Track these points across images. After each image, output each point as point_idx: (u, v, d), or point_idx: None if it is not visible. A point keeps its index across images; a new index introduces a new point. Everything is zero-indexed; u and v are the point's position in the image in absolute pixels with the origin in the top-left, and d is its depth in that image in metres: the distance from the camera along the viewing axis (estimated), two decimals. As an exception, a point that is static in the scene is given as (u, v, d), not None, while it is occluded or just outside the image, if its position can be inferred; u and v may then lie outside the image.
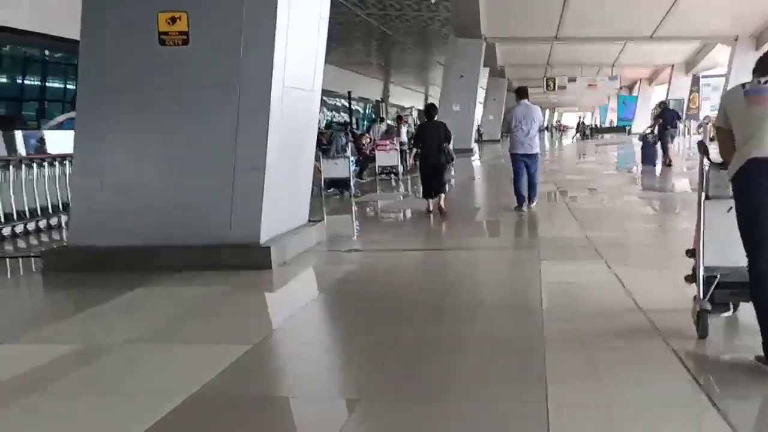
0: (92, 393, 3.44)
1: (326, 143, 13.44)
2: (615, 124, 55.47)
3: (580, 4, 24.40)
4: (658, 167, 16.75)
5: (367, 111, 59.33)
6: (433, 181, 9.59)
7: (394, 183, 15.89)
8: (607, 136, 48.78)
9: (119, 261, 6.45)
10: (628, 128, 48.97)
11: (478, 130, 32.14)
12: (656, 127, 17.12)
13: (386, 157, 16.04)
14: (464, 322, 4.43)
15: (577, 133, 49.68)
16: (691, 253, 3.87)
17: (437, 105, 29.31)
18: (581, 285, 5.24)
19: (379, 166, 16.11)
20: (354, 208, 11.75)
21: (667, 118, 16.98)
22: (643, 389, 3.14)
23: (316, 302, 5.20)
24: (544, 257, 6.24)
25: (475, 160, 24.68)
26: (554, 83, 35.16)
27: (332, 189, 12.93)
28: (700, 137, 23.79)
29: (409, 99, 60.69)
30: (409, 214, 10.76)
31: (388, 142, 16.16)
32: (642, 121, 48.94)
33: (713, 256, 3.70)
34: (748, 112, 3.23)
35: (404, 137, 17.59)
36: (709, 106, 37.26)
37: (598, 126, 59.19)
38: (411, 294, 5.23)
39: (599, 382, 3.33)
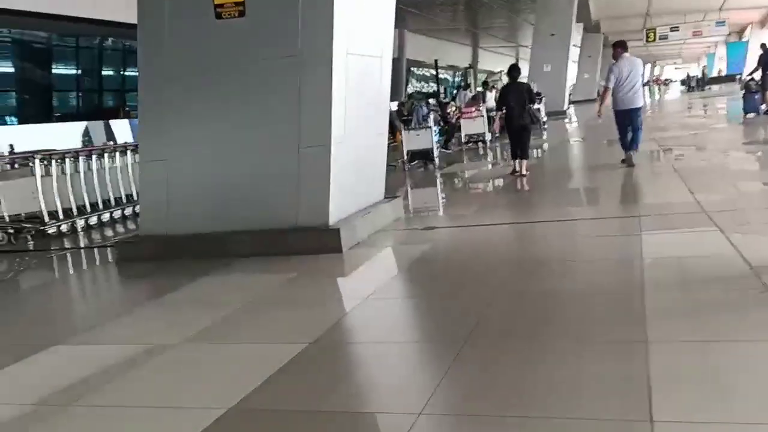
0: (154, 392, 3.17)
1: (407, 114, 12.84)
2: (724, 74, 51.07)
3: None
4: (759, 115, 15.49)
5: (457, 79, 58.09)
6: (518, 142, 9.61)
7: (481, 151, 15.16)
8: (715, 87, 45.21)
9: (188, 249, 6.23)
10: (738, 77, 45.21)
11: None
12: (759, 72, 15.74)
13: (472, 125, 15.31)
14: (553, 307, 3.82)
15: (683, 86, 46.42)
16: None
17: (527, 66, 28.50)
18: (691, 259, 4.48)
19: (465, 135, 15.40)
20: (437, 180, 11.16)
21: (765, 62, 15.50)
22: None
23: (384, 289, 4.69)
24: (647, 227, 5.46)
25: (570, 123, 23.36)
26: (654, 34, 32.64)
27: (415, 161, 12.39)
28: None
29: (498, 63, 58.65)
30: (496, 183, 10.06)
31: (473, 108, 15.37)
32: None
33: None
34: None
35: (491, 103, 16.68)
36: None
37: (705, 77, 55.14)
38: (493, 276, 4.61)
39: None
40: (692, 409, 2.44)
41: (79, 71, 19.94)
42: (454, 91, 32.62)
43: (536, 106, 18.01)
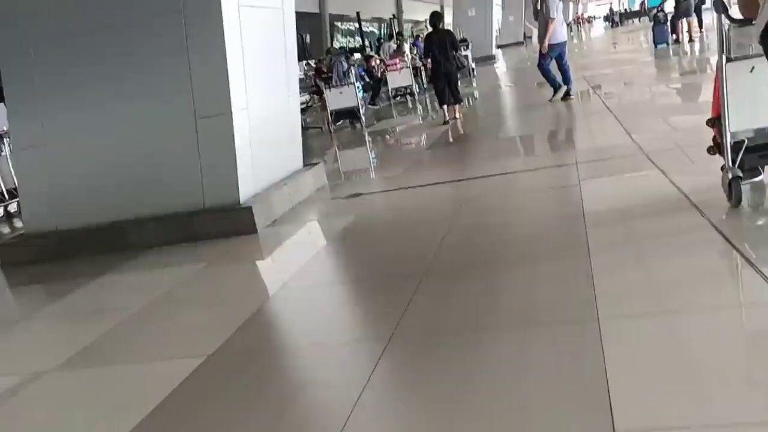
0: None
1: (326, 71, 12.02)
2: (647, 7, 51.33)
3: None
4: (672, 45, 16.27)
5: (383, 31, 56.87)
6: (445, 90, 9.57)
7: (410, 104, 14.53)
8: (637, 21, 45.53)
9: (83, 245, 5.44)
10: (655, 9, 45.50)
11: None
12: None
13: (398, 78, 14.58)
14: (494, 274, 3.28)
15: (605, 21, 46.57)
16: (712, 122, 3.61)
17: (451, 12, 27.76)
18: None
19: (392, 89, 14.71)
20: (365, 139, 10.49)
21: None
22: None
23: (303, 275, 4.05)
24: (587, 175, 4.99)
25: (498, 67, 22.89)
26: (575, -29, 32.31)
27: (341, 121, 11.67)
28: None
29: (424, 12, 57.74)
30: (426, 138, 9.46)
31: (398, 60, 14.64)
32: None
33: (739, 121, 3.43)
34: None
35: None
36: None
37: (627, 11, 55.53)
38: (426, 248, 4.02)
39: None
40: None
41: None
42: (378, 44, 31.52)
43: (464, 52, 17.53)
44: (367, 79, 15.02)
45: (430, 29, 10.42)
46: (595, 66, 15.87)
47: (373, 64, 15.64)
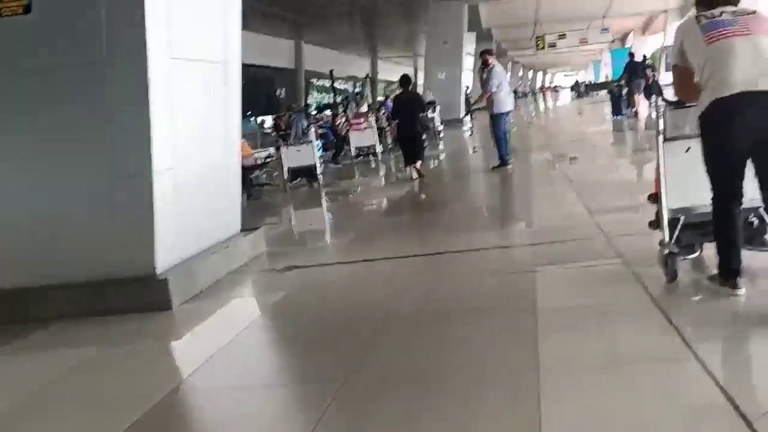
0: None
1: (285, 128, 11.58)
2: (611, 79, 52.61)
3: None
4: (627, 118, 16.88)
5: (357, 90, 57.34)
6: (409, 149, 9.85)
7: (373, 165, 14.12)
8: (602, 92, 46.46)
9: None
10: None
11: (467, 99, 29.63)
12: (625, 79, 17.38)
13: (362, 137, 14.21)
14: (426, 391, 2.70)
15: (572, 91, 47.53)
16: (654, 198, 3.69)
17: (424, 74, 27.89)
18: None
19: (354, 148, 14.31)
20: (320, 201, 9.98)
21: (631, 69, 17.14)
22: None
23: (209, 370, 3.42)
24: (542, 259, 4.50)
25: (466, 130, 22.78)
26: (544, 41, 32.89)
27: (298, 179, 11.16)
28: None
29: (398, 73, 58.52)
30: (383, 203, 9.00)
31: (362, 120, 14.30)
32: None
33: (676, 198, 3.55)
34: (707, 49, 3.01)
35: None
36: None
37: (592, 83, 56.85)
38: (349, 346, 3.44)
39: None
40: None
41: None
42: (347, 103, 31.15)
43: (430, 114, 17.43)
44: (332, 137, 14.64)
45: (399, 91, 10.80)
46: (559, 134, 15.75)
47: (338, 122, 15.27)
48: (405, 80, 10.38)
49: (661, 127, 3.50)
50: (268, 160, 11.50)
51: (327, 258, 5.80)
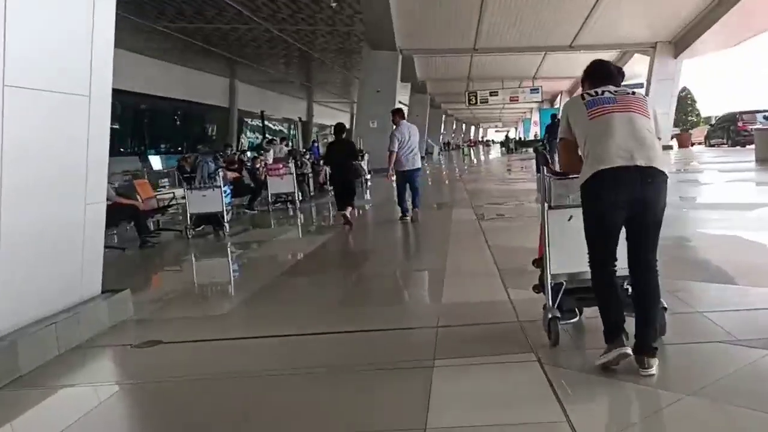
0: None
1: (190, 171, 10.59)
2: (539, 137, 53.93)
3: (496, 15, 22.64)
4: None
5: (291, 131, 56.66)
6: (342, 195, 9.91)
7: (291, 213, 13.25)
8: (531, 149, 47.36)
9: None
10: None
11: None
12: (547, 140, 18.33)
13: (280, 184, 13.37)
14: None
15: (502, 147, 48.27)
16: (538, 263, 3.79)
17: (356, 121, 27.45)
18: None
19: (272, 195, 13.42)
20: (222, 252, 9.01)
21: (553, 130, 17.76)
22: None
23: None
24: (441, 350, 3.73)
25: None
26: (476, 97, 33.16)
27: (202, 227, 10.16)
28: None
29: (334, 117, 58.35)
30: (288, 258, 8.11)
31: (281, 165, 13.47)
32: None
33: (558, 265, 3.64)
34: (589, 124, 3.19)
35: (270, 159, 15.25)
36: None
37: (522, 140, 58.09)
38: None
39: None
40: None
41: None
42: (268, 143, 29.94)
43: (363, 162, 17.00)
44: (248, 182, 13.72)
45: (333, 139, 10.85)
46: (483, 192, 15.33)
47: (257, 165, 14.39)
48: (339, 128, 10.42)
49: (546, 195, 3.64)
50: (171, 203, 10.47)
51: (202, 331, 4.84)
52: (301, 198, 14.11)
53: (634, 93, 3.35)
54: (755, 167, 15.22)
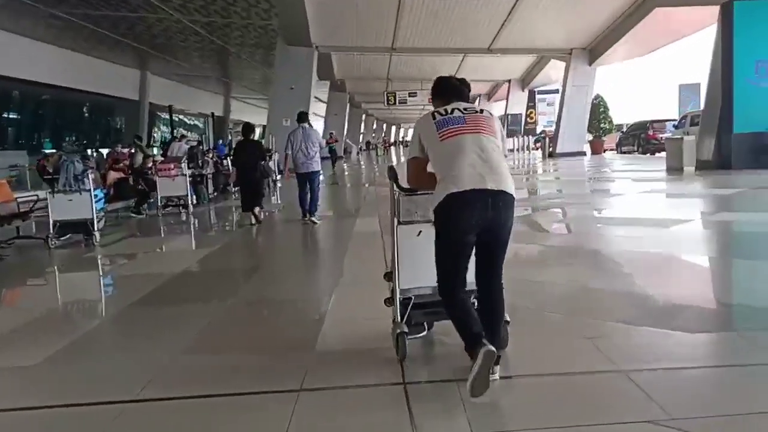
0: None
1: (52, 172, 9.13)
2: None
3: (414, 15, 21.89)
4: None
5: (208, 127, 54.48)
6: (248, 195, 10.09)
7: (184, 217, 11.93)
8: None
9: None
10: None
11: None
12: None
13: (171, 186, 12.02)
14: None
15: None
16: (389, 276, 3.73)
17: (268, 118, 26.08)
18: None
19: (162, 198, 12.05)
20: (85, 266, 7.64)
21: None
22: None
23: None
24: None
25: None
26: (395, 98, 32.30)
27: (68, 235, 8.75)
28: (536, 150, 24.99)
29: (252, 114, 56.50)
30: (170, 274, 6.80)
31: (172, 165, 12.12)
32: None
33: (408, 279, 3.63)
34: (441, 145, 3.20)
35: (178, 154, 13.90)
36: (545, 121, 36.46)
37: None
38: None
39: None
40: None
41: None
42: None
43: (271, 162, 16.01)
44: (140, 184, 12.29)
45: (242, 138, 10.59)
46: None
47: (149, 165, 12.95)
48: (247, 129, 10.46)
49: (396, 210, 3.63)
50: (35, 207, 8.99)
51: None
52: (195, 202, 12.81)
53: (482, 111, 3.35)
54: (666, 177, 15.01)
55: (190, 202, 12.14)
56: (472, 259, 3.25)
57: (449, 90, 3.47)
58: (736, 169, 14.79)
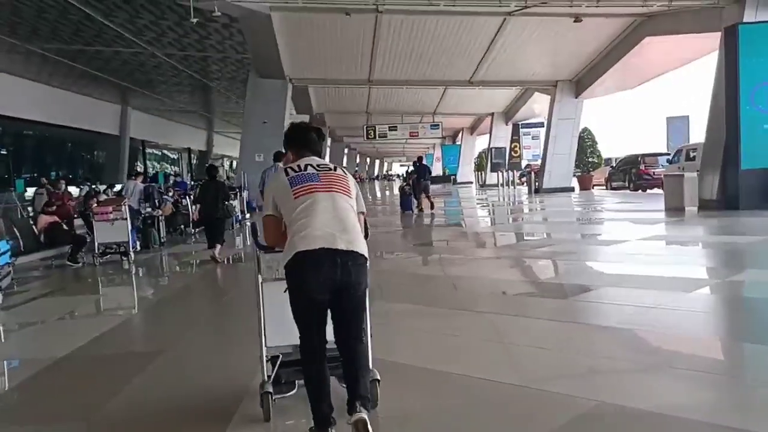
0: None
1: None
2: (447, 173, 51.70)
3: (391, 47, 20.54)
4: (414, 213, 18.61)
5: (194, 161, 53.19)
6: (211, 233, 10.28)
7: (126, 266, 10.19)
8: (434, 186, 45.35)
9: None
10: (453, 177, 46.33)
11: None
12: (411, 180, 19.37)
13: (109, 231, 10.30)
14: None
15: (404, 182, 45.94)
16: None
17: (239, 154, 24.51)
18: None
19: (99, 244, 10.32)
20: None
21: (419, 172, 19.31)
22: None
23: None
24: None
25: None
26: (374, 132, 30.86)
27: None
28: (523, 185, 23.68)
29: (234, 148, 55.16)
30: (48, 354, 5.05)
31: (110, 208, 10.41)
32: (467, 171, 46.66)
33: (274, 336, 3.51)
34: (294, 203, 3.09)
35: (135, 198, 12.31)
36: (530, 155, 35.14)
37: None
38: None
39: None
40: None
41: None
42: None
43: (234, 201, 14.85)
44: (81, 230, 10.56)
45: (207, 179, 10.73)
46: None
47: (90, 204, 11.24)
48: (211, 169, 10.79)
49: (258, 268, 3.53)
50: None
51: None
52: (140, 248, 11.11)
53: (335, 169, 3.26)
54: (667, 218, 13.16)
55: (130, 249, 10.38)
56: None
57: (302, 140, 3.38)
58: (745, 210, 13.06)
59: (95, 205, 10.98)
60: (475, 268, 8.62)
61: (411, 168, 23.10)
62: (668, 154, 23.64)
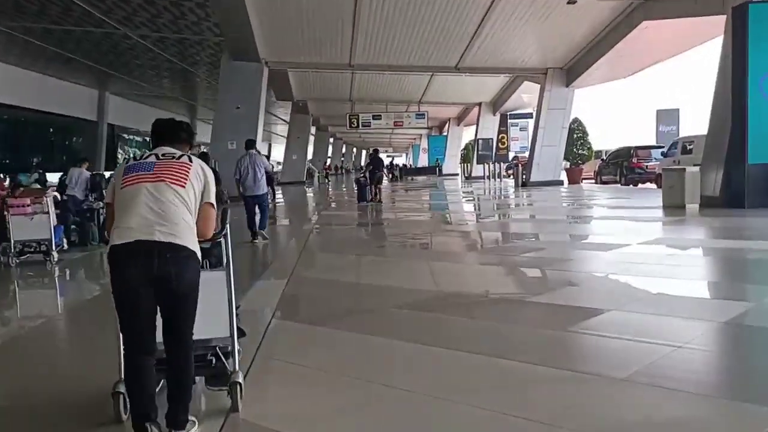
0: None
1: None
2: (439, 164, 49.85)
3: (372, 28, 18.97)
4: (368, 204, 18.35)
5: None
6: None
7: (49, 267, 8.64)
8: (419, 177, 43.85)
9: None
10: (438, 168, 44.87)
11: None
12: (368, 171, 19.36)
13: (27, 227, 8.73)
14: None
15: (388, 174, 44.29)
16: None
17: (211, 140, 22.86)
18: None
19: (16, 242, 8.74)
20: None
21: (374, 163, 19.47)
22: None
23: None
24: None
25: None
26: (357, 120, 29.29)
27: None
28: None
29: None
30: None
31: (29, 200, 8.82)
32: (453, 163, 45.25)
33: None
34: (120, 193, 2.89)
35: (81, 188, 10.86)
36: (518, 146, 33.74)
37: (408, 167, 54.61)
38: None
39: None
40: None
41: None
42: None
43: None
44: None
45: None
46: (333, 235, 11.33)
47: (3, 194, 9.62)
48: (204, 158, 10.66)
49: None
50: None
51: None
52: (64, 247, 9.54)
53: (180, 157, 2.98)
54: (667, 218, 11.59)
55: (53, 247, 8.80)
56: None
57: (157, 132, 3.15)
58: (751, 208, 11.67)
59: (10, 197, 9.33)
60: (422, 274, 7.09)
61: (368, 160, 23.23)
62: (662, 147, 22.18)
